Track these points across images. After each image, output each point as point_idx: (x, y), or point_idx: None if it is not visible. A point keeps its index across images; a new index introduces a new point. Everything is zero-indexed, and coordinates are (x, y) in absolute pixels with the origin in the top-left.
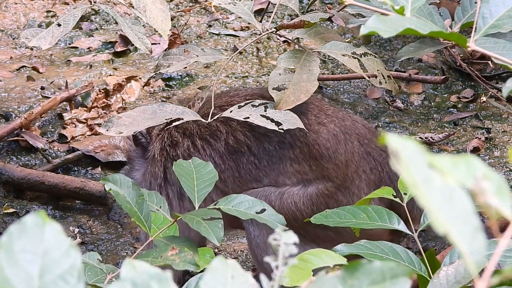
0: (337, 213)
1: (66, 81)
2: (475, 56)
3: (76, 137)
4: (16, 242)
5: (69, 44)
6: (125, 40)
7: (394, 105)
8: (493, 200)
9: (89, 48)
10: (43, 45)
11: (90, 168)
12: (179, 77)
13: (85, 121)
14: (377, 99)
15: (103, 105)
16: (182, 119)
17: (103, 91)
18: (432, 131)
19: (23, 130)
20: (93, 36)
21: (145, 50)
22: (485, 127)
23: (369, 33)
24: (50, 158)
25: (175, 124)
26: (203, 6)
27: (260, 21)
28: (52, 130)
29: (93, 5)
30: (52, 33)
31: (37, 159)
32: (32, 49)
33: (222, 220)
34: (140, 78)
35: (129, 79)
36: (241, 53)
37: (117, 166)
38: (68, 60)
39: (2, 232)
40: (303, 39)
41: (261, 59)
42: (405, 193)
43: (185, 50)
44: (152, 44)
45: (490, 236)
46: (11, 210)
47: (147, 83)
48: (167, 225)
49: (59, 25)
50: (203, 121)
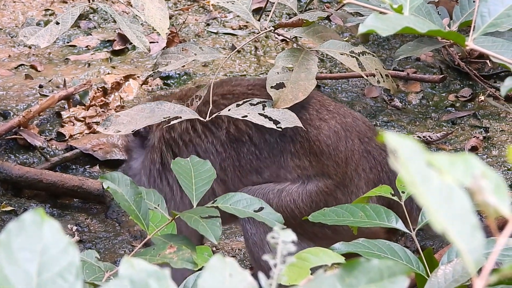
0: (335, 211)
1: (64, 79)
2: (473, 55)
3: (74, 135)
4: (14, 240)
5: (67, 42)
6: (123, 38)
7: (392, 104)
8: (491, 199)
9: (87, 47)
10: (41, 43)
11: (88, 166)
12: (177, 76)
13: (83, 119)
14: (375, 98)
15: (101, 103)
16: (180, 117)
17: (101, 89)
18: (430, 130)
19: (21, 128)
20: (91, 35)
21: (143, 48)
22: (483, 126)
23: (367, 31)
24: (48, 156)
25: (173, 122)
26: (201, 4)
27: (258, 20)
28: (50, 128)
29: (91, 4)
30: (50, 31)
31: (35, 157)
32: (30, 47)
33: (220, 218)
34: (138, 77)
35: (127, 78)
36: (239, 51)
37: (115, 164)
38: (66, 59)
39: (0, 230)
40: (301, 37)
41: (259, 57)
42: (403, 192)
43: (183, 48)
44: (150, 42)
45: (488, 235)
46: (9, 208)
47: (145, 82)
48: (165, 223)
49: (57, 23)
50: (201, 119)
